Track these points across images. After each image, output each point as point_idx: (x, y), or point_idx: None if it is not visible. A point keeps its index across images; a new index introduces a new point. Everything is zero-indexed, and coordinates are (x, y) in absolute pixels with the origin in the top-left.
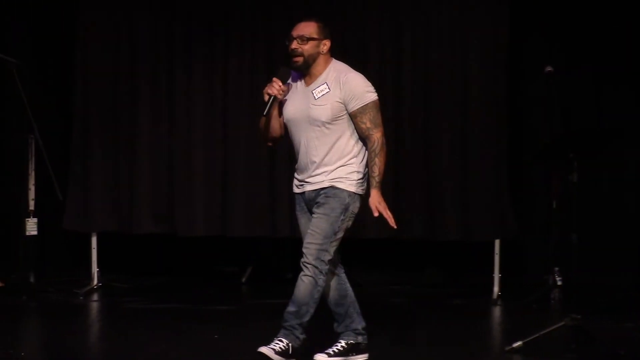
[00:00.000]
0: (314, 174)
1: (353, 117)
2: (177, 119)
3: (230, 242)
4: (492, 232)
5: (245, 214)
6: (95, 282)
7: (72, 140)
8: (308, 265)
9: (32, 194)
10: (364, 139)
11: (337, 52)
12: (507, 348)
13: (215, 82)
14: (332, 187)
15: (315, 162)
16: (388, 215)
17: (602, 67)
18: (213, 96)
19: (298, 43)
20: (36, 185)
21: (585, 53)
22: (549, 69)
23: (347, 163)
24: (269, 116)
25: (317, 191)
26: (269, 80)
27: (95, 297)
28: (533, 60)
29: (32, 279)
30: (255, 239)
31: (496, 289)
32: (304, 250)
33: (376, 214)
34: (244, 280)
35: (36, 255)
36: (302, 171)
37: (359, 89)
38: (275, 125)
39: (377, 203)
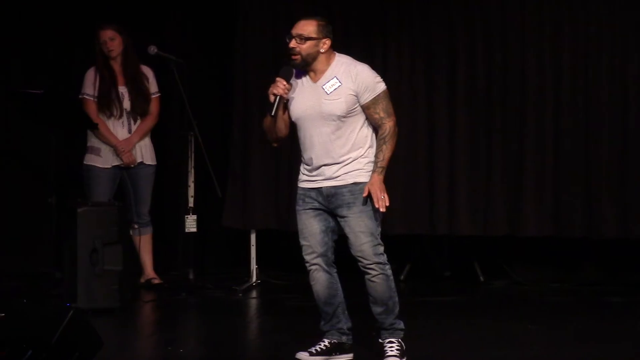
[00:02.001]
0: (333, 169)
1: (366, 108)
2: None
3: (389, 240)
4: None
5: (402, 212)
6: (254, 279)
7: (231, 138)
8: (371, 266)
9: (191, 191)
10: (375, 128)
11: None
12: None
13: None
14: (355, 183)
15: (333, 157)
16: (380, 198)
17: None
18: None
19: (296, 42)
20: (196, 182)
21: None
22: None
23: (364, 154)
24: (276, 116)
25: (339, 187)
26: (272, 81)
27: (254, 294)
28: None
29: (191, 276)
30: (413, 237)
31: None
32: (357, 255)
33: (365, 194)
34: (402, 277)
35: (195, 252)
36: (316, 167)
37: (370, 80)
38: (280, 125)
39: (376, 187)
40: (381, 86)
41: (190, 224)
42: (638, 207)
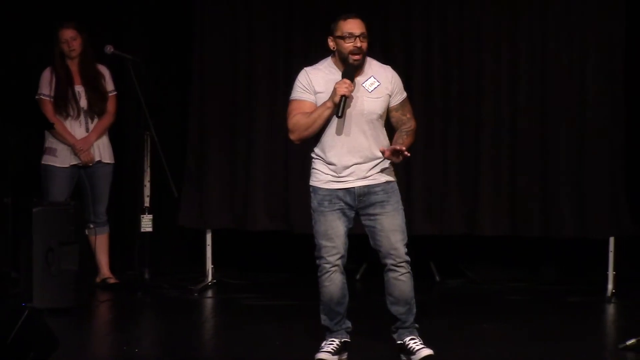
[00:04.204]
0: (364, 168)
1: (395, 110)
2: None
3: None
4: (608, 230)
5: None
6: (210, 278)
7: (188, 137)
8: (401, 264)
9: (147, 191)
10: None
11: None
12: (621, 345)
13: None
14: (387, 182)
15: (366, 156)
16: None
17: None
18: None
19: (361, 40)
20: (152, 182)
21: None
22: None
23: None
24: (344, 116)
25: (372, 187)
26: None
27: (209, 293)
28: None
29: (147, 276)
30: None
31: (610, 286)
32: (393, 252)
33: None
34: (358, 277)
35: (151, 251)
36: (346, 166)
37: (401, 83)
38: (320, 124)
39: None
40: (404, 90)
41: (146, 223)
42: (595, 206)
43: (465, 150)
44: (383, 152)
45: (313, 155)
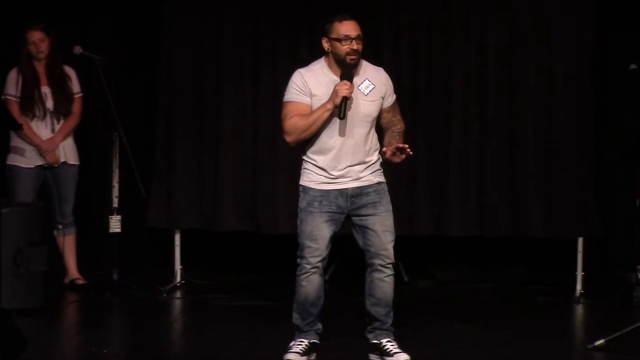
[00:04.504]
0: (358, 169)
1: (386, 111)
2: (262, 116)
3: None
4: (576, 230)
5: None
6: (178, 279)
7: (156, 138)
8: (388, 266)
9: (116, 192)
10: (383, 130)
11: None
12: (590, 346)
13: None
14: (379, 182)
15: (360, 157)
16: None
17: None
18: None
19: (357, 43)
20: (120, 182)
21: None
22: (633, 67)
23: (379, 156)
24: (345, 118)
25: (365, 188)
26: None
27: (178, 294)
28: (618, 57)
29: (115, 276)
30: (339, 237)
31: (579, 287)
32: (383, 252)
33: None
34: (327, 277)
35: (119, 252)
36: (341, 168)
37: (392, 85)
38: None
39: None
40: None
41: (115, 224)
42: (564, 206)
43: (433, 151)
44: (384, 153)
45: (305, 157)
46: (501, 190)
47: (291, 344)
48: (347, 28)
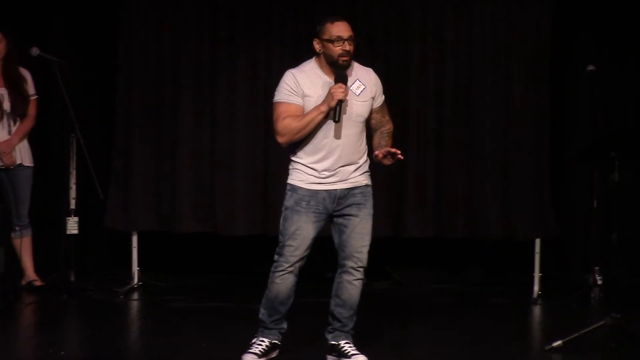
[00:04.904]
0: (348, 170)
1: (375, 112)
2: (219, 117)
3: (272, 241)
4: (533, 232)
5: None
6: (136, 281)
7: (113, 139)
8: (360, 269)
9: (73, 193)
10: (372, 131)
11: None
12: (547, 347)
13: (257, 80)
14: (366, 185)
15: (351, 159)
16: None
17: None
18: (255, 94)
19: (349, 44)
20: (77, 184)
21: (630, 51)
22: (591, 67)
23: (367, 158)
24: (340, 121)
25: (352, 189)
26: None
27: (135, 295)
28: (576, 58)
29: (72, 278)
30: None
31: (536, 288)
32: (357, 255)
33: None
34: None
35: (77, 254)
36: (332, 169)
37: (381, 86)
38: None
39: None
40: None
41: (72, 225)
42: (520, 207)
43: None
44: (376, 156)
45: (295, 157)
46: (458, 192)
47: (251, 343)
48: (340, 29)
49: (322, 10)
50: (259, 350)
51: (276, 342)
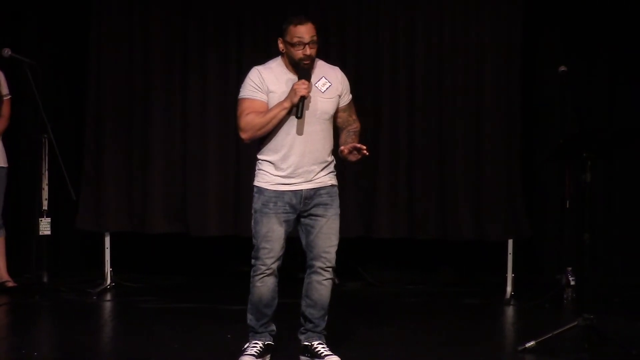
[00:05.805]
0: (315, 170)
1: (342, 110)
2: (191, 118)
3: (244, 242)
4: (506, 232)
5: None
6: (108, 281)
7: (84, 140)
8: (328, 269)
9: (45, 194)
10: (338, 130)
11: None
12: (520, 348)
13: (229, 82)
14: (332, 185)
15: (316, 158)
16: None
17: (617, 66)
18: (226, 96)
19: (310, 47)
20: (49, 185)
21: (600, 52)
22: (562, 68)
23: (333, 158)
24: (303, 117)
25: (318, 189)
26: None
27: (108, 296)
28: (547, 59)
29: (45, 279)
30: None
31: (509, 288)
32: (325, 255)
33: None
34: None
35: (49, 255)
36: (296, 169)
37: (348, 84)
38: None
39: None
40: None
41: (44, 226)
42: (492, 208)
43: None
44: (341, 151)
45: (260, 156)
46: (430, 192)
47: (246, 346)
48: (301, 32)
49: (293, 13)
50: (255, 352)
51: (269, 343)
